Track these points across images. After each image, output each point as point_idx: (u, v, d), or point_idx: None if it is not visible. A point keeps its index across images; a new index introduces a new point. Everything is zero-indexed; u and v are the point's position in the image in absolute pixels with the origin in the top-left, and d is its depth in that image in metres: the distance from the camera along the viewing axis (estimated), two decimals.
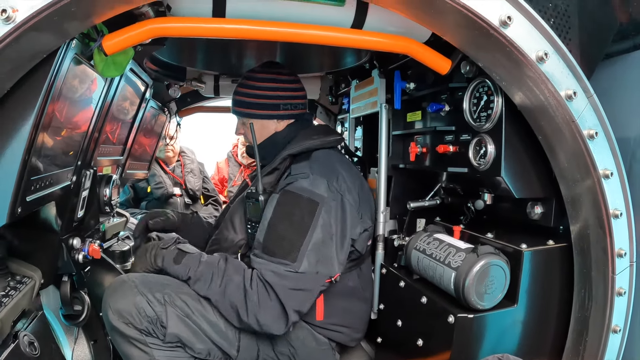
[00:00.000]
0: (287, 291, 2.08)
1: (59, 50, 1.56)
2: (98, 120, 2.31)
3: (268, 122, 2.52)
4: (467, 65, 1.97)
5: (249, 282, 2.09)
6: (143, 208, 5.40)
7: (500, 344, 1.90)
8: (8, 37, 1.29)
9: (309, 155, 2.38)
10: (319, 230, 2.15)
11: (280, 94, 2.51)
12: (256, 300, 2.06)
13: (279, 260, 2.10)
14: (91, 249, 2.47)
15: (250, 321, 2.08)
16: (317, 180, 2.22)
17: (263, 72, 2.53)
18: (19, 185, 1.60)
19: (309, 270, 2.11)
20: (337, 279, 2.24)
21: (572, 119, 1.64)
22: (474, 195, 2.23)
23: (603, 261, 1.77)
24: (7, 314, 1.77)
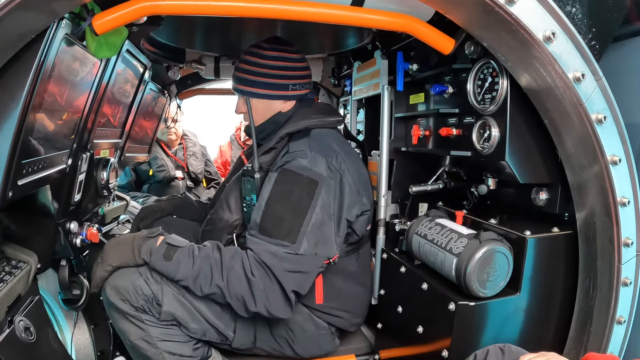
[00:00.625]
0: (285, 273, 2.04)
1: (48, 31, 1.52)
2: (94, 102, 2.28)
3: (273, 102, 2.44)
4: (472, 46, 1.92)
5: (249, 270, 2.04)
6: (145, 191, 5.39)
7: (502, 333, 1.88)
8: None
9: (307, 132, 2.33)
10: (319, 211, 2.10)
11: (289, 74, 2.41)
12: (262, 289, 2.03)
13: (278, 242, 2.06)
14: (89, 232, 2.46)
15: (259, 310, 2.04)
16: (316, 158, 2.17)
17: (271, 49, 2.41)
18: (9, 169, 1.57)
19: (309, 252, 2.07)
20: (335, 260, 2.20)
21: (579, 102, 1.59)
22: (477, 180, 2.19)
23: (609, 250, 1.73)
24: (1, 300, 1.76)
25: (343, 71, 3.59)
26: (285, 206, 2.11)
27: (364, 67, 2.93)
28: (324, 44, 3.22)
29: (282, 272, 2.03)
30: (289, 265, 2.04)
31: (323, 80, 3.88)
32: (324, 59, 3.67)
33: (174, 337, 2.14)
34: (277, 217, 2.09)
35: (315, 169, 2.14)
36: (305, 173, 2.13)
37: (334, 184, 2.17)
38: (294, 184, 2.13)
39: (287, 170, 2.15)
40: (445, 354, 1.86)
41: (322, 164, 2.16)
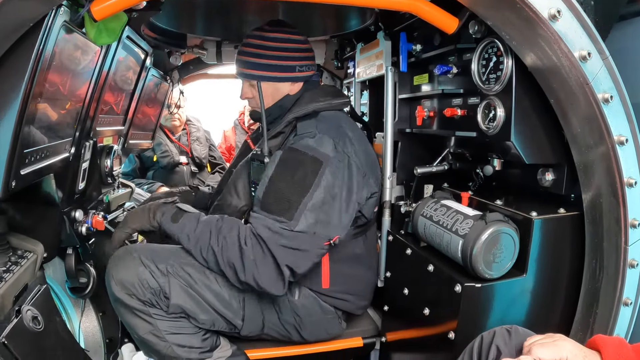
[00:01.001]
0: (279, 247, 2.03)
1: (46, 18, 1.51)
2: (95, 90, 2.27)
3: (281, 85, 2.42)
4: (476, 25, 1.89)
5: (243, 240, 2.04)
6: (149, 178, 5.39)
7: (508, 314, 1.87)
8: None
9: (315, 114, 2.32)
10: (321, 191, 2.09)
11: (295, 55, 2.39)
12: (252, 259, 2.03)
13: (275, 217, 2.06)
14: (94, 220, 2.47)
15: (248, 280, 2.04)
16: (323, 139, 2.16)
17: (275, 31, 2.39)
18: (11, 159, 1.57)
19: (306, 230, 2.06)
20: (336, 241, 2.17)
21: (586, 82, 1.57)
22: (482, 161, 2.18)
23: (616, 231, 1.72)
24: (8, 289, 1.78)
25: (346, 53, 3.57)
26: (287, 184, 2.10)
27: (367, 49, 2.91)
28: (326, 26, 3.19)
29: (276, 246, 2.02)
30: (283, 240, 2.03)
31: (326, 62, 3.86)
32: (326, 41, 3.65)
33: (183, 329, 2.15)
34: (279, 194, 2.09)
35: (321, 149, 2.13)
36: (310, 152, 2.12)
37: (342, 166, 2.16)
38: (298, 163, 2.12)
39: (293, 149, 2.15)
40: (451, 335, 1.87)
41: (329, 145, 2.15)
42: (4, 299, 1.75)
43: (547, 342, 1.39)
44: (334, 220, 2.14)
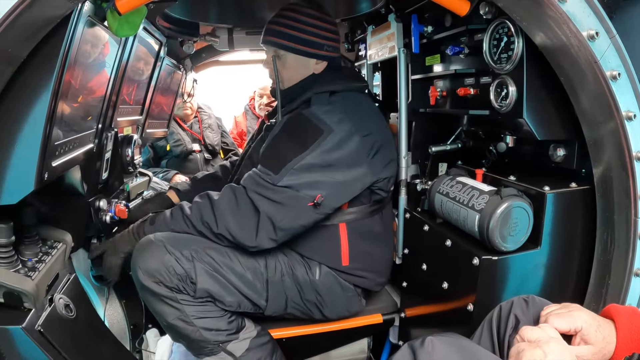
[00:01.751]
0: (258, 195, 2.11)
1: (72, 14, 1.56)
2: (115, 81, 2.33)
3: (308, 61, 2.46)
4: (487, 6, 1.92)
5: (215, 195, 2.14)
6: (163, 166, 5.43)
7: (524, 286, 1.92)
8: (20, 5, 1.29)
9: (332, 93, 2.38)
10: (315, 155, 2.14)
11: (325, 34, 2.44)
12: (223, 208, 2.11)
13: (263, 169, 2.14)
14: (117, 209, 2.53)
15: (221, 230, 2.13)
16: (331, 112, 2.22)
17: (310, 7, 2.45)
18: (43, 151, 1.63)
19: (289, 186, 2.12)
20: (318, 200, 2.17)
21: (594, 60, 1.60)
22: (495, 138, 2.21)
23: (626, 204, 1.75)
24: (42, 279, 1.83)
25: (357, 36, 3.58)
26: (284, 143, 2.19)
27: (378, 31, 2.93)
28: (337, 9, 3.20)
29: (254, 193, 2.11)
30: (264, 191, 2.11)
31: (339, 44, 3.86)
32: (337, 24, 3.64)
33: (210, 313, 2.18)
34: (274, 151, 2.19)
35: (327, 120, 2.18)
36: (315, 120, 2.18)
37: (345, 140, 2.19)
38: (300, 126, 2.20)
39: (300, 114, 2.23)
40: (470, 307, 1.92)
41: (336, 118, 2.20)
42: (39, 288, 1.80)
43: (563, 313, 1.42)
44: (322, 186, 2.17)
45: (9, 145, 1.55)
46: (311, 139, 2.14)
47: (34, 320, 1.79)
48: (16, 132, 1.55)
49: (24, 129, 1.55)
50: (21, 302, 1.76)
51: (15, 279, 1.74)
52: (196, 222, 2.18)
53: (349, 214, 2.39)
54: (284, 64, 2.45)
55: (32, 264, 1.85)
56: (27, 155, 1.58)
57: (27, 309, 1.79)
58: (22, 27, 1.35)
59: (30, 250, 1.90)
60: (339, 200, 2.27)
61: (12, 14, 1.29)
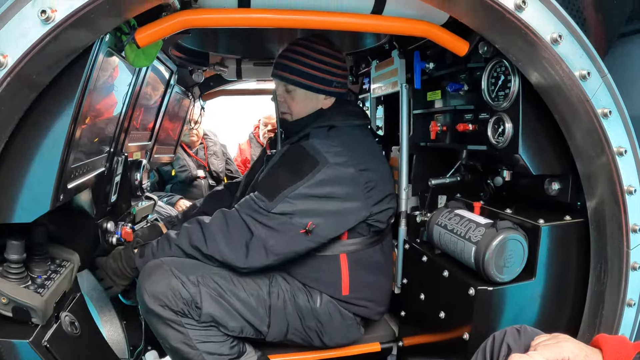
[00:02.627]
0: (252, 220, 2.16)
1: (94, 45, 1.63)
2: (128, 108, 2.40)
3: (317, 96, 2.50)
4: (485, 46, 1.99)
5: (206, 219, 2.19)
6: (168, 191, 5.44)
7: (519, 316, 1.96)
8: (48, 36, 1.37)
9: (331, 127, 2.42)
10: (310, 185, 2.18)
11: (334, 71, 2.49)
12: (213, 230, 2.16)
13: (258, 196, 2.19)
14: (124, 231, 2.55)
15: (210, 251, 2.18)
16: (329, 146, 2.26)
17: (321, 43, 2.50)
18: (60, 174, 1.68)
19: (282, 213, 2.17)
20: (310, 227, 2.21)
21: (586, 98, 1.68)
22: (493, 172, 2.26)
23: (618, 236, 1.81)
24: (50, 296, 1.86)
25: (361, 69, 3.67)
26: (281, 171, 2.24)
27: (382, 66, 3.01)
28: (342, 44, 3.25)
29: (249, 217, 2.17)
30: (257, 215, 2.16)
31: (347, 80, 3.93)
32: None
33: (213, 337, 2.19)
34: (271, 179, 2.25)
35: (324, 153, 2.22)
36: (312, 152, 2.22)
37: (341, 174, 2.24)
38: (297, 156, 2.25)
39: (298, 145, 2.28)
40: (466, 336, 1.95)
41: (333, 152, 2.25)
42: (47, 304, 1.82)
43: (551, 343, 1.46)
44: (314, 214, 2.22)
45: (28, 165, 1.60)
46: (307, 170, 2.19)
47: (41, 335, 1.82)
48: (36, 154, 1.60)
49: (44, 151, 1.60)
50: (29, 317, 1.78)
51: (25, 295, 1.77)
52: (185, 246, 2.22)
53: (349, 245, 2.42)
54: (293, 98, 2.49)
55: (41, 281, 1.88)
56: (45, 177, 1.63)
57: (35, 324, 1.81)
58: (47, 56, 1.43)
59: (40, 267, 1.92)
60: (332, 231, 2.31)
61: (39, 45, 1.36)
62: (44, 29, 1.36)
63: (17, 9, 1.34)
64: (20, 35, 1.35)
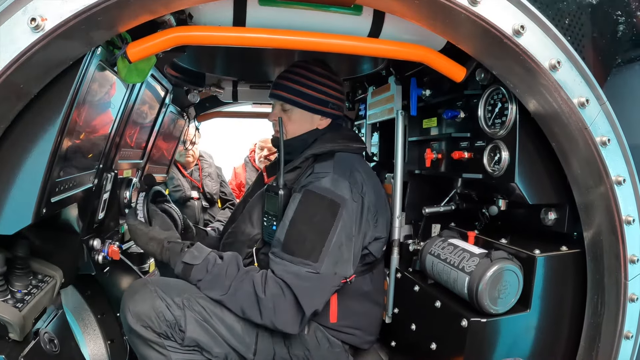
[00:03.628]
0: (307, 293, 2.09)
1: (84, 57, 1.61)
2: (120, 124, 2.38)
3: (312, 117, 2.53)
4: (482, 73, 1.99)
5: (261, 289, 2.09)
6: None
7: (513, 349, 1.92)
8: (37, 45, 1.34)
9: (332, 155, 2.41)
10: (339, 232, 2.16)
11: (331, 93, 2.52)
12: (271, 307, 2.08)
13: (301, 261, 2.11)
14: (111, 250, 2.52)
15: (265, 323, 2.11)
16: (339, 180, 2.24)
17: (318, 66, 2.55)
18: (44, 187, 1.65)
19: (329, 271, 2.13)
20: (352, 280, 2.27)
21: (584, 126, 1.66)
22: (488, 201, 2.24)
23: (616, 267, 1.78)
24: (29, 311, 1.83)
25: (357, 95, 3.68)
26: (308, 226, 2.17)
27: (378, 92, 3.01)
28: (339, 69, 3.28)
29: (304, 291, 2.09)
30: (309, 284, 2.09)
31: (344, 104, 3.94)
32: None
33: None
34: (301, 237, 2.16)
35: (338, 191, 2.21)
36: (328, 195, 2.19)
37: (356, 206, 2.24)
38: (317, 206, 2.19)
39: (310, 192, 2.22)
40: None
41: (345, 187, 2.23)
42: (26, 320, 1.80)
43: None
44: (350, 259, 2.21)
45: (11, 177, 1.57)
46: (331, 216, 2.17)
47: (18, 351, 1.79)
48: (20, 165, 1.57)
49: (28, 162, 1.58)
50: (6, 332, 1.76)
51: (3, 309, 1.74)
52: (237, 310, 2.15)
53: None
54: (289, 117, 2.51)
55: (21, 296, 1.84)
56: (28, 189, 1.60)
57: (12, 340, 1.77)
58: (36, 65, 1.40)
59: (20, 282, 1.89)
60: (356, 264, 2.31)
61: (27, 53, 1.34)
62: (33, 37, 1.34)
63: (8, 15, 1.32)
64: (9, 42, 1.32)
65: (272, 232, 2.33)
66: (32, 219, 1.64)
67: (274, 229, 2.32)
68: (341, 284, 2.23)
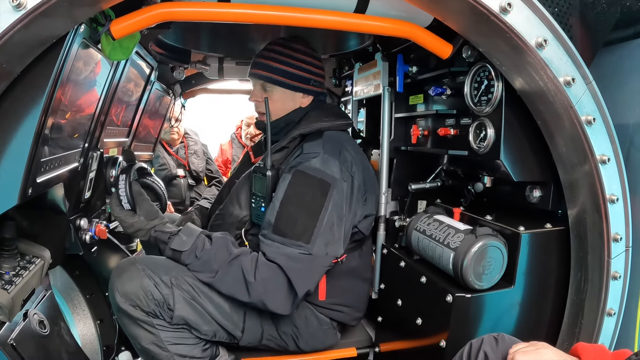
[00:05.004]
0: (300, 274, 2.09)
1: (67, 35, 1.59)
2: (105, 102, 2.35)
3: (294, 95, 2.48)
4: (469, 50, 1.99)
5: (251, 274, 2.08)
6: None
7: (498, 324, 1.95)
8: (19, 24, 1.32)
9: (320, 134, 2.39)
10: (331, 212, 2.16)
11: (312, 69, 2.48)
12: (262, 290, 2.08)
13: (292, 242, 2.11)
14: (98, 229, 2.50)
15: (255, 303, 2.12)
16: (329, 160, 2.23)
17: (297, 43, 2.50)
18: (29, 167, 1.64)
19: (321, 252, 2.13)
20: (343, 260, 2.28)
21: (570, 105, 1.67)
22: (474, 178, 2.26)
23: (599, 245, 1.81)
24: (18, 293, 1.82)
25: (344, 72, 3.67)
26: (299, 207, 2.16)
27: (365, 69, 3.00)
28: (326, 46, 3.27)
29: (297, 273, 2.09)
30: (301, 265, 2.10)
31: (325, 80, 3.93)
32: (325, 59, 3.70)
33: (185, 339, 2.17)
34: (292, 218, 2.15)
35: (328, 171, 2.20)
36: (318, 175, 2.18)
37: (346, 186, 2.24)
38: (307, 186, 2.18)
39: (300, 172, 2.20)
40: (442, 344, 1.94)
41: (335, 166, 2.22)
42: (14, 302, 1.79)
43: (529, 350, 1.46)
44: (341, 239, 2.22)
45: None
46: (322, 196, 2.16)
47: (7, 333, 1.78)
48: (4, 146, 1.55)
49: (12, 143, 1.56)
50: None
51: None
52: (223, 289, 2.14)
53: None
54: (271, 96, 2.46)
55: (9, 277, 1.83)
56: (13, 170, 1.58)
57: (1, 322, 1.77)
58: (18, 44, 1.38)
59: (8, 263, 1.88)
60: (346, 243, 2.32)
61: (9, 32, 1.32)
62: (14, 15, 1.32)
63: None
64: None
65: (261, 213, 2.32)
66: (18, 199, 1.62)
67: (262, 210, 2.31)
68: (332, 263, 2.23)
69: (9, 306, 1.74)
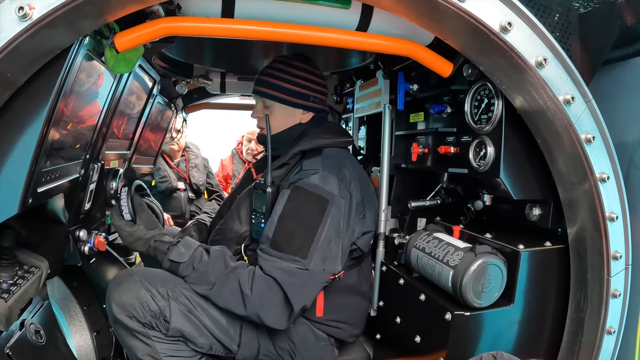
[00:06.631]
0: (296, 289, 2.09)
1: (72, 47, 1.60)
2: (107, 115, 2.36)
3: (294, 111, 2.53)
4: (469, 69, 2.00)
5: (247, 286, 2.08)
6: None
7: (497, 342, 1.94)
8: (24, 34, 1.33)
9: (320, 151, 2.40)
10: (328, 228, 2.17)
11: (312, 86, 2.53)
12: (258, 304, 2.07)
13: (289, 257, 2.11)
14: (97, 241, 2.50)
15: (251, 317, 2.11)
16: (328, 177, 2.24)
17: (300, 62, 2.55)
18: (30, 177, 1.64)
19: (318, 268, 2.13)
20: (340, 276, 2.28)
21: (570, 123, 1.68)
22: (473, 196, 2.26)
23: (599, 263, 1.81)
24: (15, 302, 1.81)
25: (345, 89, 3.68)
26: (296, 222, 2.17)
27: (366, 86, 3.01)
28: (328, 63, 3.30)
29: (293, 288, 2.08)
30: (298, 280, 2.09)
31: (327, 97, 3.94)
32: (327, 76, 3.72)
33: (180, 352, 2.17)
34: (289, 233, 2.15)
35: (326, 187, 2.21)
36: (316, 191, 2.19)
37: (345, 202, 2.25)
38: (305, 202, 2.19)
39: (299, 188, 2.22)
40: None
41: (334, 182, 2.23)
42: (12, 311, 1.78)
43: None
44: (338, 255, 2.22)
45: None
46: (320, 213, 2.17)
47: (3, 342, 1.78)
48: (5, 155, 1.55)
49: (14, 152, 1.56)
50: None
51: None
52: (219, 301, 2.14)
53: None
54: (271, 112, 2.51)
55: (6, 286, 1.83)
56: (14, 179, 1.58)
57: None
58: (23, 55, 1.39)
59: (6, 272, 1.88)
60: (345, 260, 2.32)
61: (14, 42, 1.33)
62: (20, 26, 1.33)
63: None
64: None
65: (260, 229, 2.32)
66: (18, 209, 1.62)
67: (262, 226, 2.31)
68: (329, 280, 2.23)
69: (5, 315, 1.73)
